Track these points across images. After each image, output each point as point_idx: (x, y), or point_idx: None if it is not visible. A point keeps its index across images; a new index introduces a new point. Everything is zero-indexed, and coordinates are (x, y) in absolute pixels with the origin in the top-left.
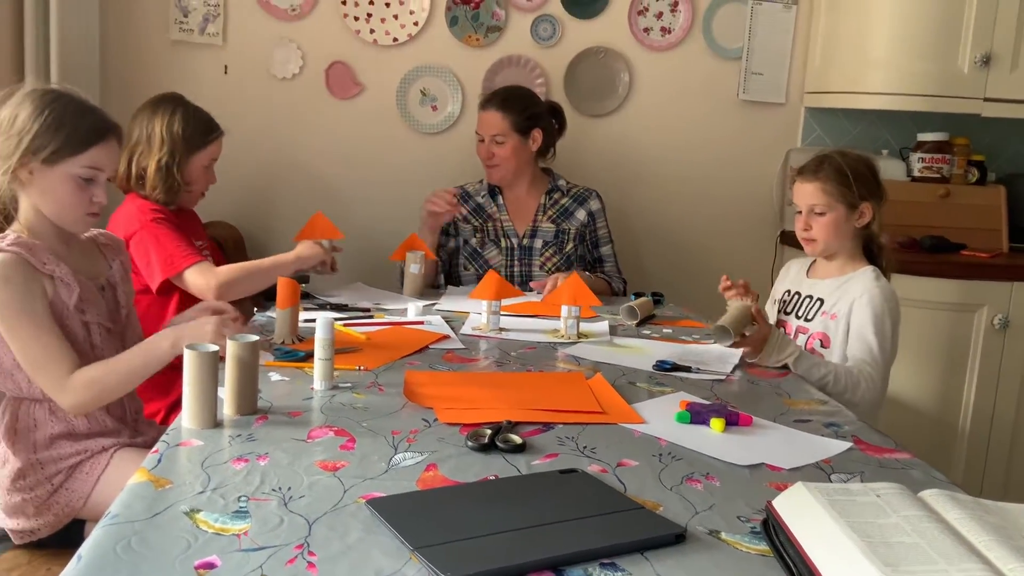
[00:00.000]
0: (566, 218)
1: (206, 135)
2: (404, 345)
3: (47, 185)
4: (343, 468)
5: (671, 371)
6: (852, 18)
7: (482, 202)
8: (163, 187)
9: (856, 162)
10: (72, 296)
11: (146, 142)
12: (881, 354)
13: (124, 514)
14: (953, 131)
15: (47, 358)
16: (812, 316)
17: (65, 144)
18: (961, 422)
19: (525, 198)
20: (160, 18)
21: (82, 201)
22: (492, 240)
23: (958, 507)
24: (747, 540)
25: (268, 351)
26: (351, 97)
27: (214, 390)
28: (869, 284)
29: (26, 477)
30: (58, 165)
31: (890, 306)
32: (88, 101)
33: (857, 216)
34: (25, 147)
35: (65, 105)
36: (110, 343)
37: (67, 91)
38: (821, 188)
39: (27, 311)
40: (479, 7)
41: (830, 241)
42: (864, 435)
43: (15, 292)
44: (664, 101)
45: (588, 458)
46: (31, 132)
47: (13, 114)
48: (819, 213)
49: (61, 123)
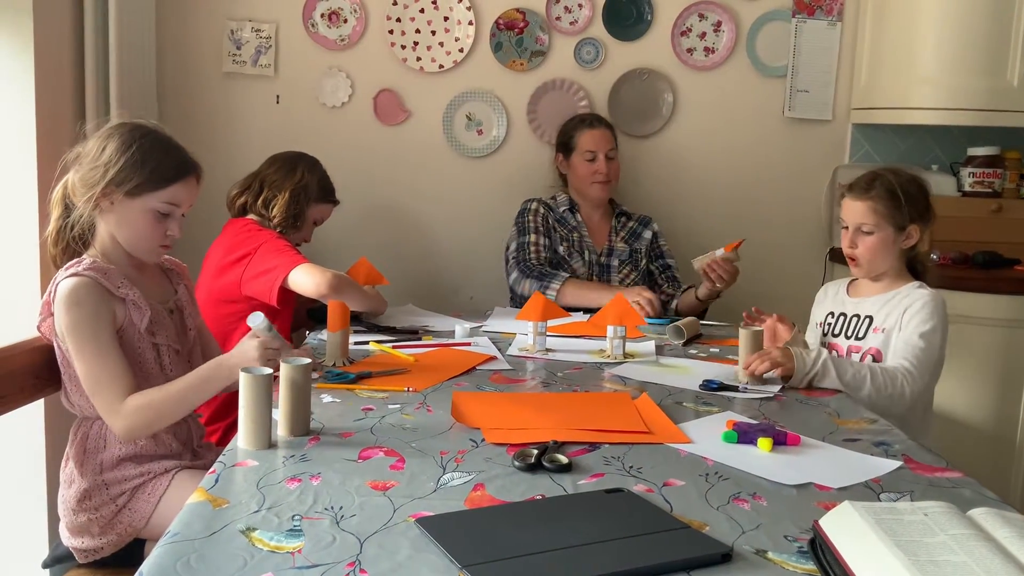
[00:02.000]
0: (636, 239)
1: (328, 193)
2: (452, 366)
3: (126, 216)
4: (393, 488)
5: (718, 391)
6: (898, 33)
7: (564, 215)
8: (285, 215)
9: (908, 183)
10: (144, 319)
11: (282, 179)
12: (924, 353)
13: (183, 532)
14: (1004, 145)
15: (106, 381)
16: (864, 334)
17: (148, 179)
18: (1019, 440)
19: (599, 220)
20: (214, 51)
21: (157, 234)
22: (577, 251)
23: (1007, 526)
24: (794, 559)
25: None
26: (399, 123)
27: (268, 412)
28: (920, 293)
29: (92, 498)
30: (139, 198)
31: (939, 314)
32: (173, 139)
33: (904, 238)
34: (110, 178)
35: (152, 141)
36: (179, 364)
37: (154, 128)
38: (871, 207)
39: (93, 334)
40: (523, 32)
41: (875, 261)
42: (915, 454)
43: (85, 315)
44: (709, 121)
45: (634, 478)
46: (117, 164)
47: (101, 145)
48: (867, 232)
49: (147, 158)
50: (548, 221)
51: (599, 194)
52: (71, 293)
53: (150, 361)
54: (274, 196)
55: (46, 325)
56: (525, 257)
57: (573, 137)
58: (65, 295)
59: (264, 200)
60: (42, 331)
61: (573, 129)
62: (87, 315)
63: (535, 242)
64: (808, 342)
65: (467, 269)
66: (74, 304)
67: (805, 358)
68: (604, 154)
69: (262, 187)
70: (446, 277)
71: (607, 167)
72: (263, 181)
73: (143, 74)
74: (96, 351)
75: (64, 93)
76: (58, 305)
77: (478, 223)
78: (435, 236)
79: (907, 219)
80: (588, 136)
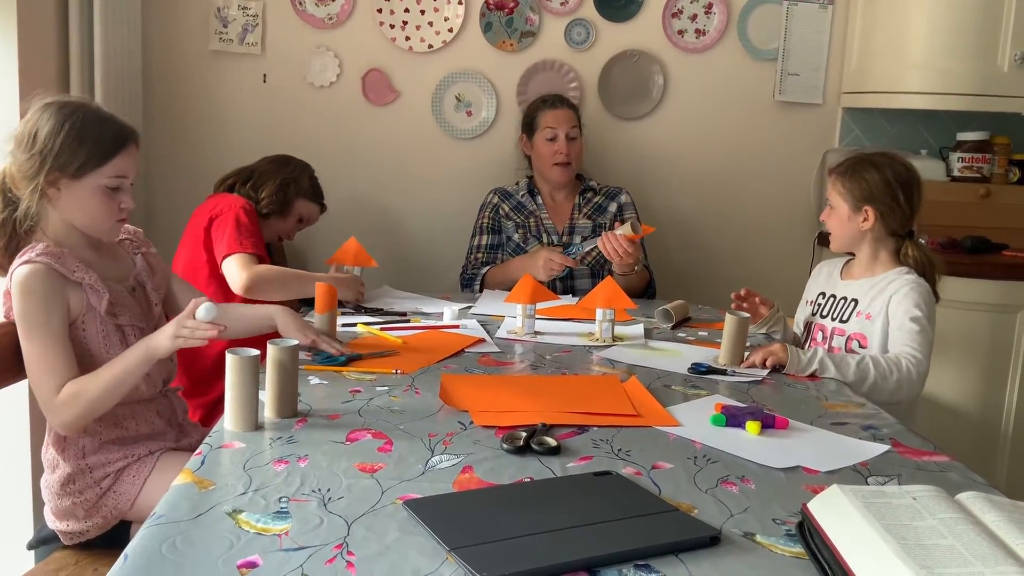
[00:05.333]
0: (600, 213)
1: (317, 194)
2: (440, 348)
3: (76, 199)
4: (381, 470)
5: (706, 374)
6: (889, 17)
7: (522, 200)
8: (271, 199)
9: (881, 168)
10: (103, 302)
11: (274, 170)
12: (922, 335)
13: (169, 515)
14: (993, 130)
15: (45, 373)
16: (847, 317)
17: (90, 157)
18: (1004, 424)
19: (562, 199)
20: (201, 29)
21: (111, 210)
22: (534, 236)
23: (995, 509)
24: (782, 542)
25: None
26: (387, 104)
27: (255, 394)
28: (906, 279)
29: (75, 482)
30: (84, 178)
31: (927, 299)
32: (104, 109)
33: (861, 219)
34: (50, 164)
35: (84, 116)
36: None
37: (82, 101)
38: (833, 183)
39: (40, 324)
40: (513, 12)
41: (837, 238)
42: (902, 438)
43: (34, 304)
44: (699, 103)
45: (623, 461)
46: (54, 149)
47: (32, 131)
48: (831, 207)
49: (83, 136)
50: (500, 212)
51: (559, 177)
52: (23, 281)
53: (116, 344)
54: (263, 182)
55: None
56: (467, 265)
57: (536, 117)
58: (19, 282)
59: (252, 184)
60: (9, 318)
61: (536, 110)
62: (36, 304)
63: (479, 244)
64: (797, 320)
65: (455, 250)
66: (25, 292)
67: (801, 358)
68: (565, 133)
69: (252, 174)
70: (434, 258)
71: (567, 147)
72: (253, 170)
73: (128, 52)
74: (43, 342)
75: (48, 73)
76: (13, 292)
77: (467, 204)
78: (423, 217)
79: (862, 200)
80: (550, 115)
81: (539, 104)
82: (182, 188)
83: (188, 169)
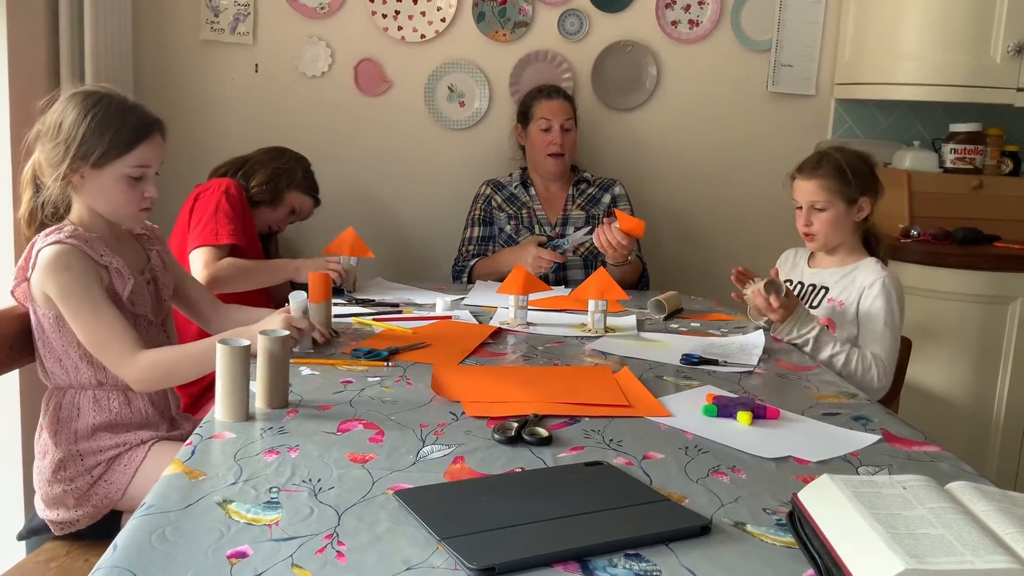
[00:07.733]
0: (594, 204)
1: (312, 187)
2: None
3: (99, 187)
4: (372, 460)
5: (698, 364)
6: (882, 9)
7: (515, 192)
8: (262, 188)
9: (853, 158)
10: (126, 288)
11: (268, 160)
12: (893, 343)
13: (159, 505)
14: (986, 122)
15: (111, 336)
16: (817, 304)
17: (112, 146)
18: (995, 415)
19: (555, 190)
20: (191, 18)
21: (134, 199)
22: (527, 227)
23: (985, 499)
24: (772, 532)
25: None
26: (380, 94)
27: (246, 384)
28: (879, 274)
29: (66, 468)
30: (107, 167)
31: (899, 296)
32: (129, 100)
33: (856, 211)
34: (73, 153)
35: (107, 106)
36: (152, 336)
37: (108, 91)
38: (821, 185)
39: (89, 294)
40: (506, 3)
41: (830, 236)
42: (893, 428)
43: (76, 277)
44: (692, 94)
45: (614, 451)
46: (77, 138)
47: (58, 120)
48: (820, 209)
49: (106, 126)
50: (493, 204)
51: (552, 168)
52: (58, 258)
53: None
54: (256, 171)
55: (20, 290)
56: (458, 257)
57: (531, 107)
58: (52, 260)
59: (244, 173)
60: (16, 296)
61: (531, 100)
62: (77, 277)
63: (470, 237)
64: None
65: (448, 241)
66: (64, 268)
67: (809, 315)
68: (560, 124)
69: (246, 163)
70: (427, 249)
71: (561, 138)
72: (248, 160)
73: (119, 42)
74: (94, 311)
75: (39, 63)
76: (44, 272)
77: (459, 195)
78: (416, 208)
79: (856, 192)
80: (545, 106)
81: (535, 94)
82: (174, 178)
83: (180, 159)
